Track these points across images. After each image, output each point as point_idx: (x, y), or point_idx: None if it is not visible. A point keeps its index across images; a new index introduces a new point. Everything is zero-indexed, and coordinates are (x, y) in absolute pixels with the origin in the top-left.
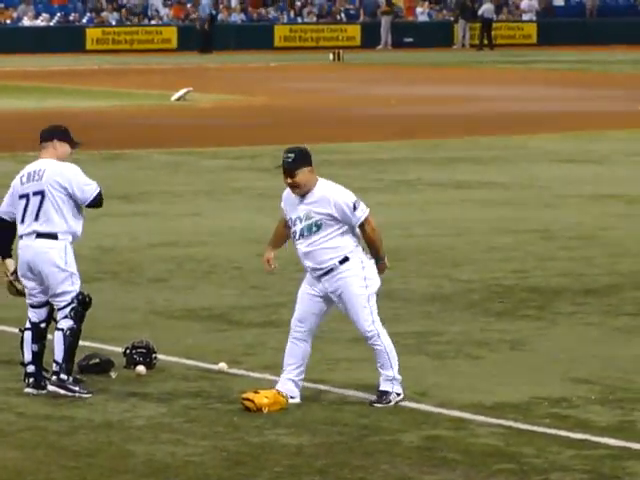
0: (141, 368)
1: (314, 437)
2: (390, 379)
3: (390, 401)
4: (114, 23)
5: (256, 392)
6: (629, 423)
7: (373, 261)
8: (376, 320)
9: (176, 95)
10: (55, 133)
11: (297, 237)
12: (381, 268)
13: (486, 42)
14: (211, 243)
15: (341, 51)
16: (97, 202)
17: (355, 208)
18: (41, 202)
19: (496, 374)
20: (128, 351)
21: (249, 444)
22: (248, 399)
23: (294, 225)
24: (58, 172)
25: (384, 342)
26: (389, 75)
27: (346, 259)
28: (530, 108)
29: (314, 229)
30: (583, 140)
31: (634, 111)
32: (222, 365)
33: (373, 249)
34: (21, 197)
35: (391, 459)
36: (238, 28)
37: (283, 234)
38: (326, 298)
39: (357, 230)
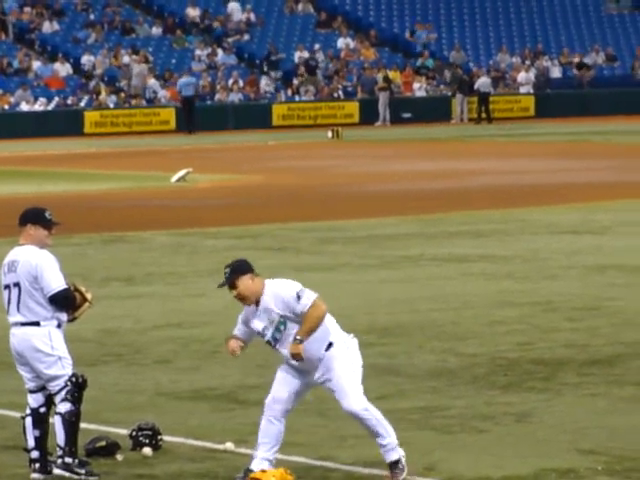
0: (147, 450)
1: None
2: (392, 447)
3: (404, 466)
4: (112, 106)
5: (263, 472)
6: None
7: (355, 340)
8: (363, 395)
9: (176, 176)
10: (28, 217)
11: (274, 345)
12: (293, 347)
13: (484, 116)
14: (215, 323)
15: (340, 128)
16: (59, 299)
17: (299, 297)
18: (19, 293)
19: (503, 447)
20: (134, 433)
21: None
22: (256, 478)
23: (265, 336)
24: (30, 263)
25: (373, 413)
26: (388, 151)
27: (330, 345)
28: (530, 181)
29: (282, 328)
30: (584, 211)
31: (634, 181)
32: (229, 445)
33: (304, 325)
34: (5, 288)
35: None
36: (236, 108)
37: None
38: (310, 383)
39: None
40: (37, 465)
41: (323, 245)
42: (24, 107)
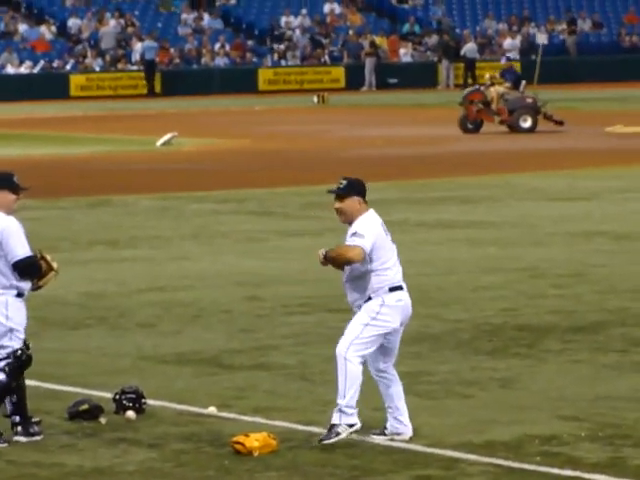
0: (131, 413)
1: (305, 479)
2: (339, 409)
3: (339, 434)
4: (98, 69)
5: (246, 435)
6: (619, 459)
7: (401, 305)
8: (353, 347)
9: (161, 140)
10: None
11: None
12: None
13: (470, 81)
14: (199, 287)
15: (325, 93)
16: (24, 266)
17: (352, 235)
18: None
19: (486, 413)
20: (118, 397)
21: None
22: (239, 442)
23: None
24: None
25: (348, 368)
26: (374, 116)
27: (369, 299)
28: (516, 147)
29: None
30: (571, 178)
31: (621, 148)
32: (212, 409)
33: (337, 249)
34: None
35: None
36: (222, 72)
37: None
38: None
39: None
40: (19, 428)
41: (308, 209)
42: (10, 70)
